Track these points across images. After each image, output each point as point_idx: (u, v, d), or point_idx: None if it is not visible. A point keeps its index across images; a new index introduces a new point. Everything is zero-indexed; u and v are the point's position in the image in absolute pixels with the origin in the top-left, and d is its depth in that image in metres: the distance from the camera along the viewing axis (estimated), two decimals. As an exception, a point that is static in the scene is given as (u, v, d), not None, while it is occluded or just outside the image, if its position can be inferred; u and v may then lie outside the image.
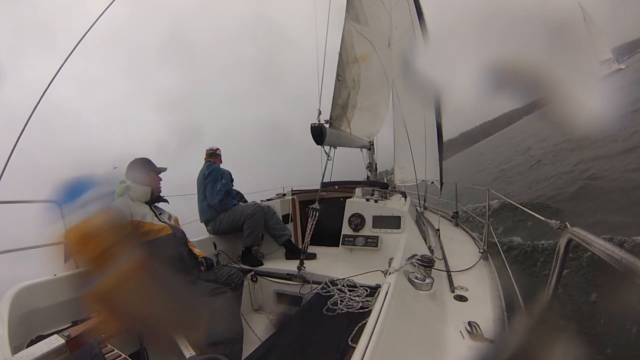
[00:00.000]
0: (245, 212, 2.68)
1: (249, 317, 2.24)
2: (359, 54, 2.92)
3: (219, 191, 2.71)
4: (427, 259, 1.61)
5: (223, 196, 2.72)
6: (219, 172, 2.80)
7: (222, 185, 2.73)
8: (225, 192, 2.75)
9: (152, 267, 0.92)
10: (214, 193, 2.71)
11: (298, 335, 1.39)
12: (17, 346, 1.20)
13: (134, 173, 1.91)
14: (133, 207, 1.78)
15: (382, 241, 2.35)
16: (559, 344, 0.51)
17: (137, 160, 1.96)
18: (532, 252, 5.40)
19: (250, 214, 2.66)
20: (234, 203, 2.80)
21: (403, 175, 5.56)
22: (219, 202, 2.70)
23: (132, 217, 1.74)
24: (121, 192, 1.85)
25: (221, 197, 2.71)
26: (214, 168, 2.81)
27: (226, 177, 2.80)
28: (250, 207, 2.72)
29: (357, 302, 1.57)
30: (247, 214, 2.66)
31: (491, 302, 1.62)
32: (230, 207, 2.74)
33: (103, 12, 1.83)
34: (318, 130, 2.39)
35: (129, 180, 1.89)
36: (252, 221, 2.65)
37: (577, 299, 3.50)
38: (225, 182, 2.77)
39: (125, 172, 1.91)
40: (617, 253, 0.64)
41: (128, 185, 1.86)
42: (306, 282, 2.14)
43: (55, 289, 1.52)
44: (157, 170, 2.01)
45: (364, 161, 5.27)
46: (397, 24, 4.18)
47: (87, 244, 0.82)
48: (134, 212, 1.77)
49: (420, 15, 4.24)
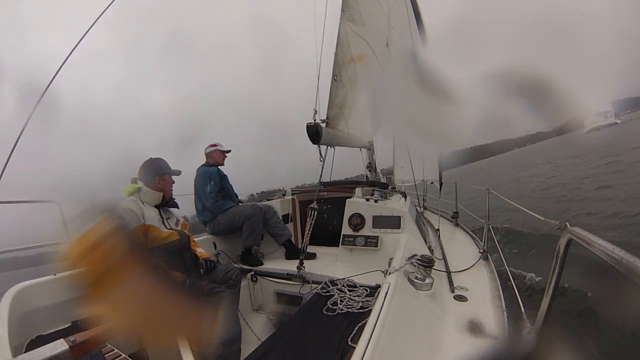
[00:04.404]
0: (244, 214, 2.68)
1: (249, 317, 2.23)
2: (356, 54, 2.92)
3: (210, 193, 2.74)
4: (427, 259, 1.61)
5: (215, 198, 2.74)
6: (207, 174, 2.81)
7: (211, 187, 2.75)
8: (217, 193, 2.76)
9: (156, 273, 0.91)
10: (206, 196, 2.74)
11: (298, 335, 1.39)
12: (17, 346, 1.20)
13: (147, 175, 1.84)
14: (145, 210, 1.74)
15: (382, 241, 2.35)
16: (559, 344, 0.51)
17: (151, 161, 1.89)
18: (532, 252, 5.41)
19: (249, 215, 2.66)
20: (229, 205, 2.78)
21: (403, 175, 5.56)
22: (212, 205, 2.73)
23: (145, 220, 1.70)
24: (132, 191, 1.81)
25: (213, 199, 2.73)
26: (202, 171, 2.83)
27: (214, 178, 2.79)
28: (249, 208, 2.71)
29: (357, 302, 1.57)
30: (246, 215, 2.66)
31: (491, 302, 1.62)
32: (225, 208, 2.74)
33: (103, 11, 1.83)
34: (314, 130, 2.40)
35: (141, 182, 1.84)
36: (251, 222, 2.65)
37: (577, 299, 3.50)
38: (215, 184, 2.77)
39: (138, 172, 1.85)
40: (617, 253, 0.64)
41: (140, 188, 1.82)
42: (306, 282, 2.14)
43: (55, 288, 1.52)
44: (171, 173, 1.95)
45: (364, 161, 5.28)
46: (395, 24, 4.18)
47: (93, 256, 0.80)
48: (146, 215, 1.72)
49: (417, 15, 4.24)
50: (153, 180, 1.85)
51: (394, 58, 3.63)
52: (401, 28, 4.30)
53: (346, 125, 2.94)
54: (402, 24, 4.28)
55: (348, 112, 2.91)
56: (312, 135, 2.42)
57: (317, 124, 2.44)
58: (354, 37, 2.92)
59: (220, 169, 2.91)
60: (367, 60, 3.09)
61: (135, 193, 1.81)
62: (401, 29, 4.30)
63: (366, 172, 5.32)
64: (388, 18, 3.69)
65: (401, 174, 5.61)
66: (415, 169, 4.11)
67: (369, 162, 5.27)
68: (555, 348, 0.51)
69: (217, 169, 2.87)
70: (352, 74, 2.91)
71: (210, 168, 2.86)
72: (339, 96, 2.77)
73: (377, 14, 3.40)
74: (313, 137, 2.42)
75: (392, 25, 4.07)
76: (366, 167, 5.31)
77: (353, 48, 2.89)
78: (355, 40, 2.93)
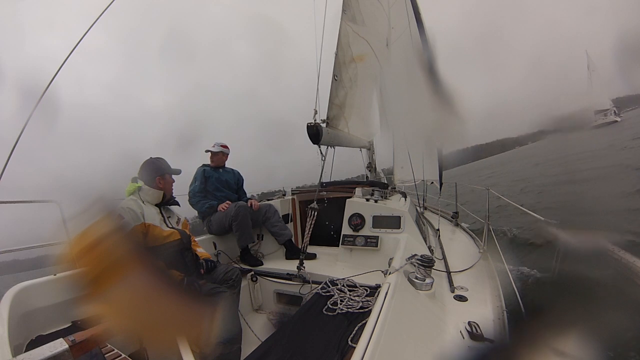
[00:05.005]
0: (229, 215, 2.65)
1: (249, 317, 2.23)
2: (356, 54, 2.93)
3: (189, 193, 2.79)
4: (427, 259, 1.61)
5: (192, 198, 2.77)
6: (195, 174, 2.86)
7: (194, 187, 2.80)
8: (198, 193, 2.77)
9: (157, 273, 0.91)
10: (189, 196, 2.80)
11: (298, 335, 1.39)
12: (17, 346, 1.20)
13: (147, 174, 1.85)
14: (145, 209, 1.74)
15: (382, 241, 2.35)
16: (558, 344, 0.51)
17: (151, 161, 1.90)
18: (532, 252, 5.40)
19: (233, 215, 2.62)
20: (205, 205, 2.75)
21: (402, 175, 5.56)
22: (190, 205, 2.77)
23: (144, 219, 1.70)
24: (132, 190, 1.81)
25: (190, 199, 2.77)
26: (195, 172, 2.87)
27: (198, 178, 2.81)
28: (232, 208, 2.67)
29: (357, 302, 1.57)
30: (231, 217, 2.63)
31: (491, 302, 1.62)
32: (201, 209, 2.75)
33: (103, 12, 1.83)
34: (314, 130, 2.41)
35: (141, 182, 1.84)
36: (238, 222, 2.62)
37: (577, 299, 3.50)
38: (196, 184, 2.79)
39: (139, 172, 1.86)
40: (617, 253, 0.64)
41: (140, 187, 1.82)
42: (306, 282, 2.14)
43: (55, 288, 1.52)
44: (171, 172, 1.95)
45: (364, 161, 5.28)
46: (395, 24, 4.18)
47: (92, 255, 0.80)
48: (146, 214, 1.73)
49: (417, 15, 4.23)
50: (154, 180, 1.86)
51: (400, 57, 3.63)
52: (401, 28, 4.30)
53: (346, 125, 2.94)
54: (402, 24, 4.27)
55: (348, 112, 2.91)
56: (312, 135, 2.42)
57: (317, 124, 2.44)
58: (354, 37, 2.92)
59: (207, 169, 2.89)
60: (367, 60, 3.09)
61: (135, 192, 1.82)
62: (401, 29, 4.30)
63: (366, 172, 5.32)
64: (388, 18, 3.68)
65: (401, 174, 5.60)
66: (415, 169, 4.12)
67: (369, 162, 5.27)
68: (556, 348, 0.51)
69: (202, 169, 2.86)
70: (352, 74, 2.91)
71: (199, 168, 2.88)
72: (339, 96, 2.77)
73: (378, 14, 3.40)
74: (313, 137, 2.43)
75: (392, 25, 4.07)
76: (366, 167, 5.31)
77: (353, 48, 2.89)
78: (355, 40, 2.93)
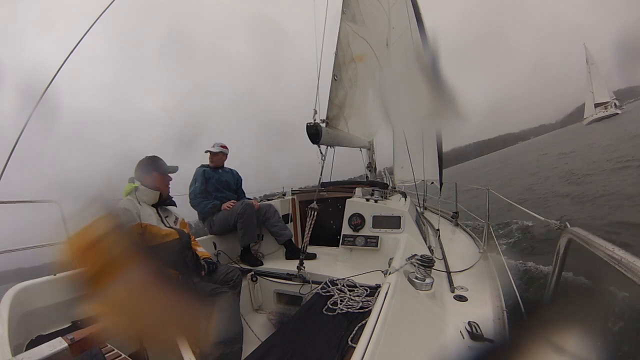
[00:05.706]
0: (235, 212, 2.66)
1: (249, 316, 2.24)
2: (356, 54, 2.93)
3: (190, 194, 2.80)
4: (427, 259, 1.61)
5: (193, 199, 2.77)
6: (194, 175, 2.86)
7: (194, 188, 2.80)
8: (199, 194, 2.78)
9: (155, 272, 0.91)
10: (190, 197, 2.80)
11: (298, 335, 1.39)
12: (17, 346, 1.20)
13: (143, 174, 1.83)
14: (141, 210, 1.73)
15: (382, 241, 2.35)
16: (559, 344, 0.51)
17: (147, 159, 1.88)
18: (532, 252, 5.40)
19: (239, 213, 2.64)
20: (207, 205, 2.75)
21: (403, 174, 5.56)
22: (192, 206, 2.77)
23: (140, 219, 1.69)
24: (129, 191, 1.80)
25: (192, 201, 2.77)
26: (194, 173, 2.88)
27: (198, 180, 2.81)
28: (239, 206, 2.69)
29: (357, 302, 1.57)
30: (237, 214, 2.65)
31: (491, 302, 1.62)
32: (204, 209, 2.74)
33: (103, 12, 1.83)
34: (314, 130, 2.41)
35: (138, 182, 1.83)
36: (244, 220, 2.63)
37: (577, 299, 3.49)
38: (196, 186, 2.79)
39: (135, 171, 1.85)
40: (617, 253, 0.64)
41: (137, 187, 1.81)
42: (306, 282, 2.14)
43: (55, 288, 1.51)
44: (167, 170, 1.94)
45: (364, 161, 5.28)
46: (395, 24, 4.18)
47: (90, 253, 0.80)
48: (143, 214, 1.72)
49: (418, 15, 4.24)
50: (150, 174, 1.84)
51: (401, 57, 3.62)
52: (401, 28, 4.30)
53: (346, 125, 2.95)
54: (402, 24, 4.28)
55: (348, 112, 2.91)
56: (312, 135, 2.42)
57: (317, 124, 2.44)
58: (354, 36, 2.92)
59: (207, 170, 2.89)
60: (367, 60, 3.09)
61: (132, 192, 1.81)
62: (401, 29, 4.30)
63: (366, 172, 5.32)
64: (388, 18, 3.69)
65: (401, 173, 5.60)
66: (415, 169, 4.12)
67: (369, 162, 5.28)
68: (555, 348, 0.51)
69: (202, 170, 2.86)
70: (352, 74, 2.91)
71: (199, 169, 2.88)
72: (339, 96, 2.77)
73: (378, 14, 3.40)
74: (312, 137, 2.43)
75: (392, 25, 4.07)
76: (366, 167, 5.31)
77: (353, 48, 2.89)
78: (355, 40, 2.93)
